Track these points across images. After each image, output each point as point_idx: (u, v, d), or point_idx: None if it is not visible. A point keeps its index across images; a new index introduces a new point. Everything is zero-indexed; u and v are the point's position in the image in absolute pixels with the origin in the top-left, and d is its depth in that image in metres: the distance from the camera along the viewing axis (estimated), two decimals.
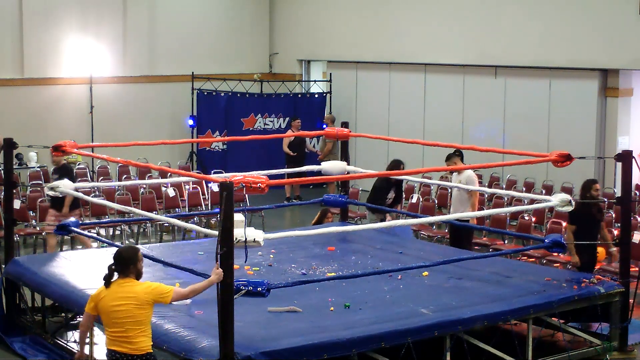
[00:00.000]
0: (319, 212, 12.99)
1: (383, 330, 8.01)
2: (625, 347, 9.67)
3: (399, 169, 13.02)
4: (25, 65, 19.40)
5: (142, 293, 6.74)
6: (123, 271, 6.84)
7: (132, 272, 6.84)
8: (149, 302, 6.78)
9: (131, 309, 6.72)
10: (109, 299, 6.78)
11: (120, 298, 6.73)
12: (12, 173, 10.48)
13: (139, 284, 6.82)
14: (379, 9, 20.23)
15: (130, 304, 6.72)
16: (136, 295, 6.73)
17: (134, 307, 6.72)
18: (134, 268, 6.85)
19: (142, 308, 6.74)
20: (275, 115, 21.06)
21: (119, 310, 6.72)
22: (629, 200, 9.87)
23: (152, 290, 6.80)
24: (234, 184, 7.32)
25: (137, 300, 6.73)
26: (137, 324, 6.74)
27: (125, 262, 6.84)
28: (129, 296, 6.73)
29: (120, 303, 6.73)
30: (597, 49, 16.31)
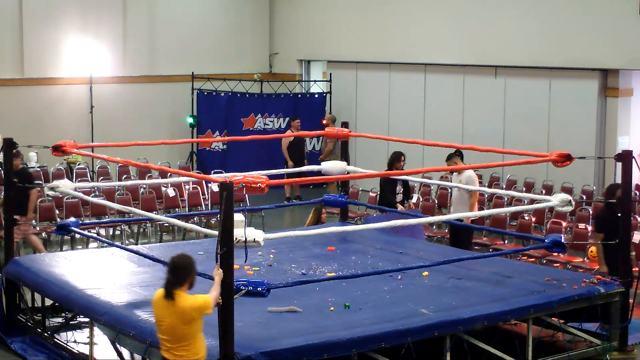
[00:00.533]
0: (312, 212, 12.97)
1: (383, 330, 8.01)
2: (625, 347, 9.67)
3: (399, 160, 13.10)
4: (25, 65, 19.40)
5: (189, 309, 6.65)
6: (178, 282, 6.72)
7: (186, 283, 6.75)
8: (195, 318, 6.70)
9: (176, 324, 6.66)
10: (160, 308, 6.74)
11: (168, 312, 6.67)
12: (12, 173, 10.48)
13: (187, 299, 6.68)
14: (379, 9, 20.23)
15: (175, 319, 6.65)
16: (183, 312, 6.65)
17: (179, 322, 6.66)
18: (189, 278, 6.78)
19: (188, 324, 6.68)
20: (275, 115, 21.06)
21: (165, 323, 6.71)
22: (629, 200, 9.86)
23: (198, 307, 6.66)
24: (234, 184, 7.32)
25: (184, 317, 6.66)
26: (179, 340, 6.68)
27: (181, 273, 6.74)
28: (176, 311, 6.64)
29: (167, 316, 6.68)
30: (597, 49, 16.31)
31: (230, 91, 20.91)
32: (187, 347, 6.69)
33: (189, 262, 6.81)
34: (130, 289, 9.20)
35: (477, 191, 12.46)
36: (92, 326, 8.89)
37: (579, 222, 13.55)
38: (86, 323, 9.36)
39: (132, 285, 9.33)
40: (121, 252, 10.56)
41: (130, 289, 9.20)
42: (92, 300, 8.85)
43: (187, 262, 6.80)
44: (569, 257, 12.59)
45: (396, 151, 13.49)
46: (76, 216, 13.86)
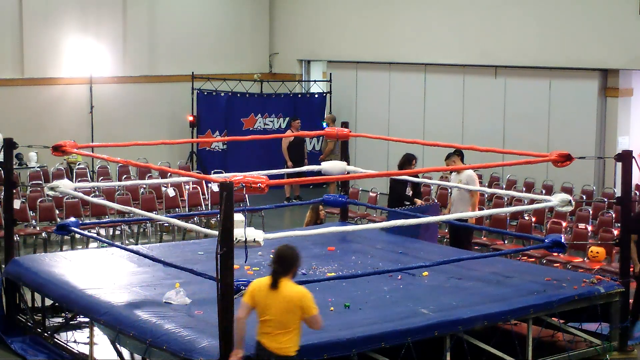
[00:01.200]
0: (310, 211, 12.97)
1: (383, 330, 8.01)
2: (625, 347, 9.67)
3: (410, 163, 13.11)
4: (25, 65, 19.40)
5: (295, 298, 6.83)
6: (284, 271, 6.92)
7: (291, 272, 6.96)
8: (299, 307, 6.83)
9: (281, 310, 6.82)
10: (266, 295, 6.89)
11: (274, 298, 6.84)
12: (12, 173, 10.48)
13: (293, 287, 6.90)
14: (379, 9, 20.23)
15: (281, 305, 6.82)
16: (290, 299, 6.82)
17: (283, 309, 6.82)
18: (293, 268, 6.98)
19: (291, 312, 6.82)
20: (275, 115, 21.06)
21: (270, 311, 6.84)
22: (629, 200, 9.87)
23: (305, 298, 6.86)
24: (234, 184, 7.32)
25: (288, 304, 6.82)
26: (284, 326, 6.84)
27: (287, 262, 6.95)
28: (282, 299, 6.82)
29: (273, 302, 6.84)
30: (597, 49, 16.31)
31: (230, 91, 20.91)
32: (289, 334, 6.86)
33: (294, 252, 7.04)
34: (130, 289, 9.20)
35: (477, 191, 12.44)
36: (92, 326, 8.89)
37: (579, 222, 13.56)
38: (86, 323, 9.36)
39: (132, 285, 9.33)
40: (121, 252, 10.57)
41: (130, 289, 9.20)
42: (92, 300, 8.85)
43: (292, 252, 7.03)
44: (569, 257, 12.59)
45: (409, 153, 13.43)
46: (76, 216, 13.87)
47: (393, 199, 13.40)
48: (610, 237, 12.29)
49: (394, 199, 13.37)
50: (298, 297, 6.84)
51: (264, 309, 6.90)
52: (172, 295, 8.67)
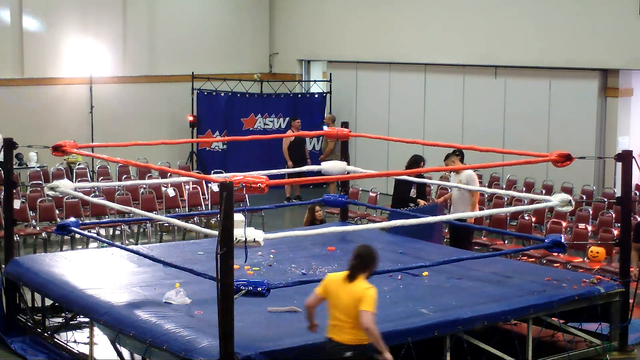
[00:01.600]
0: (307, 211, 12.98)
1: (383, 330, 7.97)
2: (625, 347, 9.67)
3: (418, 165, 13.08)
4: (25, 65, 19.40)
5: (359, 291, 7.12)
6: (362, 268, 7.27)
7: (368, 270, 7.31)
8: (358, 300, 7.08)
9: (348, 302, 7.10)
10: (338, 287, 7.20)
11: (345, 291, 7.15)
12: (12, 173, 10.48)
13: (363, 283, 7.20)
14: (379, 9, 20.23)
15: (349, 297, 7.11)
16: (355, 291, 7.13)
17: (350, 301, 7.09)
18: (371, 267, 7.35)
19: (354, 305, 7.09)
20: (275, 115, 21.06)
21: (341, 300, 7.14)
22: (629, 200, 9.87)
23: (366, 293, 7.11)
24: (234, 184, 7.32)
25: (354, 296, 7.10)
26: (350, 318, 7.09)
27: (366, 261, 7.32)
28: (353, 292, 7.12)
29: (342, 294, 7.15)
30: (597, 49, 16.31)
31: (230, 91, 20.91)
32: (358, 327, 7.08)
33: (373, 253, 7.44)
34: (130, 289, 9.20)
35: (477, 190, 12.44)
36: (92, 326, 8.89)
37: (579, 222, 13.56)
38: (86, 323, 9.37)
39: (132, 285, 9.33)
40: (121, 252, 10.57)
41: (130, 289, 9.20)
42: (92, 300, 8.85)
43: (371, 252, 7.43)
44: (569, 257, 12.59)
45: (417, 155, 13.36)
46: (76, 216, 13.87)
47: (397, 200, 13.37)
48: (610, 237, 12.29)
49: (397, 200, 13.34)
50: (362, 291, 7.13)
51: (335, 300, 7.20)
52: (172, 295, 8.67)
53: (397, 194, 13.43)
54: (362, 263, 7.30)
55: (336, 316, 7.18)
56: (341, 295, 7.17)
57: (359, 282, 7.21)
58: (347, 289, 7.17)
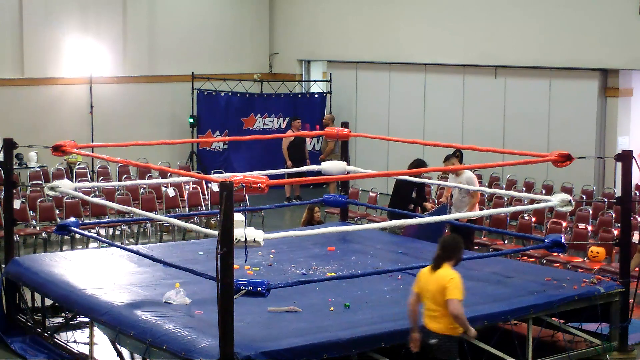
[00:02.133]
0: (306, 211, 12.98)
1: (383, 330, 8.01)
2: (625, 347, 9.67)
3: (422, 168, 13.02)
4: (25, 65, 19.40)
5: (444, 279, 7.40)
6: (446, 257, 7.53)
7: (453, 259, 7.54)
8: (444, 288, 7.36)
9: (435, 291, 7.41)
10: (426, 279, 7.55)
11: (432, 280, 7.48)
12: (12, 173, 10.48)
13: (448, 270, 7.47)
14: (378, 8, 20.23)
15: (436, 286, 7.41)
16: (440, 280, 7.42)
17: (436, 289, 7.40)
18: (455, 256, 7.56)
19: (441, 292, 7.39)
20: (275, 115, 21.07)
21: (428, 290, 7.47)
22: (629, 200, 9.86)
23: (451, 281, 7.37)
24: (234, 184, 7.32)
25: (439, 284, 7.40)
26: (440, 306, 7.40)
27: (450, 249, 7.56)
28: (437, 280, 7.43)
29: (430, 284, 7.48)
30: (597, 49, 16.31)
31: (230, 91, 20.91)
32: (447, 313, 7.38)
33: (458, 242, 7.68)
34: (130, 289, 9.20)
35: (477, 192, 12.44)
36: (92, 326, 8.90)
37: (579, 222, 13.56)
38: (86, 323, 9.37)
39: (132, 285, 9.33)
40: (121, 252, 10.57)
41: (130, 289, 9.20)
42: (92, 300, 8.85)
43: (456, 241, 7.68)
44: (569, 257, 12.59)
45: (420, 160, 13.31)
46: (76, 216, 13.86)
47: (397, 200, 13.32)
48: (610, 237, 12.29)
49: (397, 200, 13.28)
50: (446, 278, 7.39)
51: (425, 292, 7.54)
52: (172, 295, 8.67)
53: (398, 195, 13.37)
54: (446, 252, 7.55)
55: (428, 306, 7.53)
56: (429, 286, 7.49)
57: (444, 270, 7.48)
58: (433, 278, 7.49)
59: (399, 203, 13.08)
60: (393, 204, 13.23)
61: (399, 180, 13.07)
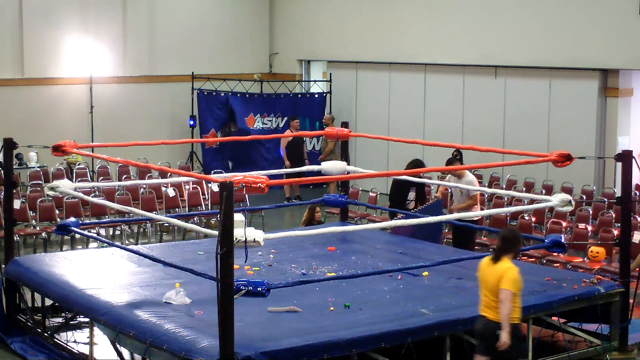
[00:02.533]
0: (307, 210, 12.98)
1: (383, 330, 8.01)
2: (625, 347, 9.66)
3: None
4: (25, 65, 19.40)
5: (501, 270, 7.64)
6: (506, 249, 7.75)
7: (512, 252, 7.78)
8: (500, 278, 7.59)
9: (493, 282, 7.64)
10: (486, 270, 7.80)
11: (491, 271, 7.72)
12: (12, 173, 10.48)
13: (507, 263, 7.70)
14: (378, 9, 20.23)
15: (494, 277, 7.64)
16: (498, 271, 7.65)
17: (494, 280, 7.63)
18: (515, 249, 7.80)
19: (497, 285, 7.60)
20: (275, 115, 21.07)
21: (487, 281, 7.73)
22: (629, 200, 9.86)
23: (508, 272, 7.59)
24: (234, 184, 7.32)
25: (497, 275, 7.64)
26: (495, 296, 7.61)
27: (510, 242, 7.78)
28: (497, 272, 7.65)
29: (489, 275, 7.72)
30: (597, 49, 16.32)
31: (230, 91, 20.92)
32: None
33: (518, 235, 7.97)
34: (130, 289, 9.20)
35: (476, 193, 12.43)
36: (92, 326, 8.89)
37: (579, 222, 13.56)
38: (86, 323, 9.36)
39: (132, 285, 9.33)
40: (121, 252, 10.56)
41: (130, 289, 9.20)
42: (92, 300, 8.85)
43: (515, 234, 7.96)
44: (569, 257, 12.59)
45: (417, 160, 13.30)
46: (76, 216, 13.85)
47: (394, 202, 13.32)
48: (610, 237, 12.29)
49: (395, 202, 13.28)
50: (504, 270, 7.63)
51: (484, 282, 7.79)
52: (172, 295, 8.67)
53: (395, 196, 13.34)
54: (505, 244, 7.75)
55: (486, 296, 7.75)
56: (488, 277, 7.74)
57: (503, 262, 7.70)
58: (492, 269, 7.72)
59: (397, 203, 13.08)
60: (392, 204, 13.23)
61: (395, 180, 13.07)
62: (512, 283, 7.57)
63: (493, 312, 7.70)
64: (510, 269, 7.62)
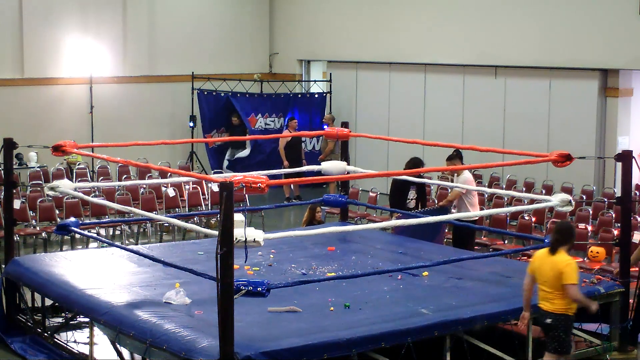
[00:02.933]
0: (307, 210, 12.99)
1: (383, 330, 8.01)
2: (625, 347, 9.66)
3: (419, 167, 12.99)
4: (25, 65, 19.40)
5: (560, 264, 7.85)
6: (563, 241, 7.97)
7: (568, 244, 8.00)
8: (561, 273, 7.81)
9: (551, 275, 7.86)
10: (541, 261, 8.02)
11: (548, 263, 7.93)
12: (12, 173, 10.48)
13: (564, 256, 7.92)
14: (378, 9, 20.23)
15: (552, 270, 7.86)
16: (557, 264, 7.86)
17: (553, 274, 7.85)
18: (570, 241, 8.03)
19: (557, 277, 7.84)
20: (276, 115, 21.07)
21: (544, 273, 7.95)
22: (629, 200, 9.87)
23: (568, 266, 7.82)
24: (234, 184, 7.32)
25: (556, 268, 7.85)
26: (557, 289, 7.86)
27: (566, 234, 8.02)
28: (553, 264, 7.88)
29: (545, 267, 7.94)
30: (597, 49, 16.31)
31: (230, 91, 20.92)
32: (564, 297, 7.87)
33: (572, 227, 8.32)
34: (130, 289, 9.20)
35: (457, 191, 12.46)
36: (92, 326, 8.89)
37: (579, 222, 13.55)
38: (86, 323, 9.36)
39: (132, 285, 9.33)
40: (121, 252, 10.56)
41: (130, 289, 9.20)
42: (92, 300, 8.85)
43: (571, 226, 8.34)
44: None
45: (416, 158, 13.27)
46: (76, 216, 13.86)
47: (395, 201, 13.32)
48: (610, 237, 12.29)
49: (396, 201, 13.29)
50: (563, 263, 7.84)
51: (540, 274, 7.99)
52: (172, 295, 8.67)
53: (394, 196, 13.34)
54: (562, 236, 7.97)
55: (542, 288, 7.98)
56: (544, 269, 7.93)
57: (560, 255, 7.90)
58: (549, 262, 7.92)
59: (398, 202, 13.08)
60: (392, 203, 13.24)
61: (395, 178, 13.07)
62: (575, 276, 7.81)
63: (547, 303, 7.95)
64: (570, 264, 7.85)
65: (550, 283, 7.90)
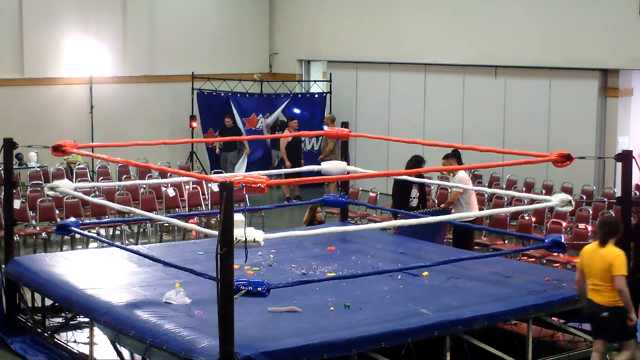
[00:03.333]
0: (308, 210, 12.99)
1: (383, 330, 8.01)
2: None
3: (420, 166, 13.00)
4: (25, 65, 19.40)
5: (610, 256, 8.15)
6: (611, 234, 8.26)
7: (615, 235, 8.28)
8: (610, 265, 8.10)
9: (601, 267, 8.16)
10: (590, 255, 8.31)
11: (597, 256, 8.23)
12: (12, 173, 10.48)
13: (613, 248, 8.22)
14: (378, 8, 20.24)
15: (602, 262, 8.16)
16: (606, 256, 8.16)
17: (603, 266, 8.14)
18: (617, 233, 8.33)
19: (606, 269, 8.14)
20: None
21: (594, 266, 8.24)
22: (629, 200, 9.86)
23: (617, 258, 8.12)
24: (234, 184, 7.32)
25: (605, 260, 8.15)
26: (607, 281, 8.14)
27: (613, 227, 8.31)
28: (602, 257, 8.18)
29: (595, 260, 8.24)
30: (597, 49, 16.32)
31: (230, 91, 20.92)
32: (611, 288, 8.13)
33: (617, 220, 8.68)
34: (130, 289, 9.20)
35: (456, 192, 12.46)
36: (92, 326, 8.89)
37: (579, 222, 13.56)
38: (86, 323, 9.36)
39: (132, 285, 9.33)
40: (121, 252, 10.56)
41: (130, 289, 9.20)
42: (92, 300, 8.84)
43: (616, 219, 8.76)
44: (569, 257, 12.58)
45: (418, 156, 13.27)
46: (76, 216, 13.86)
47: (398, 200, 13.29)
48: None
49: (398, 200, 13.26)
50: (613, 255, 8.15)
51: (589, 267, 8.29)
52: (172, 295, 8.67)
53: (398, 194, 13.34)
54: (610, 229, 8.25)
55: (592, 281, 8.25)
56: (594, 262, 8.22)
57: (609, 248, 8.20)
58: (599, 254, 8.21)
59: (401, 201, 13.07)
60: (395, 203, 13.22)
61: (397, 179, 13.07)
62: (624, 268, 8.07)
63: (599, 295, 8.18)
64: (620, 255, 8.13)
65: (600, 276, 8.17)
